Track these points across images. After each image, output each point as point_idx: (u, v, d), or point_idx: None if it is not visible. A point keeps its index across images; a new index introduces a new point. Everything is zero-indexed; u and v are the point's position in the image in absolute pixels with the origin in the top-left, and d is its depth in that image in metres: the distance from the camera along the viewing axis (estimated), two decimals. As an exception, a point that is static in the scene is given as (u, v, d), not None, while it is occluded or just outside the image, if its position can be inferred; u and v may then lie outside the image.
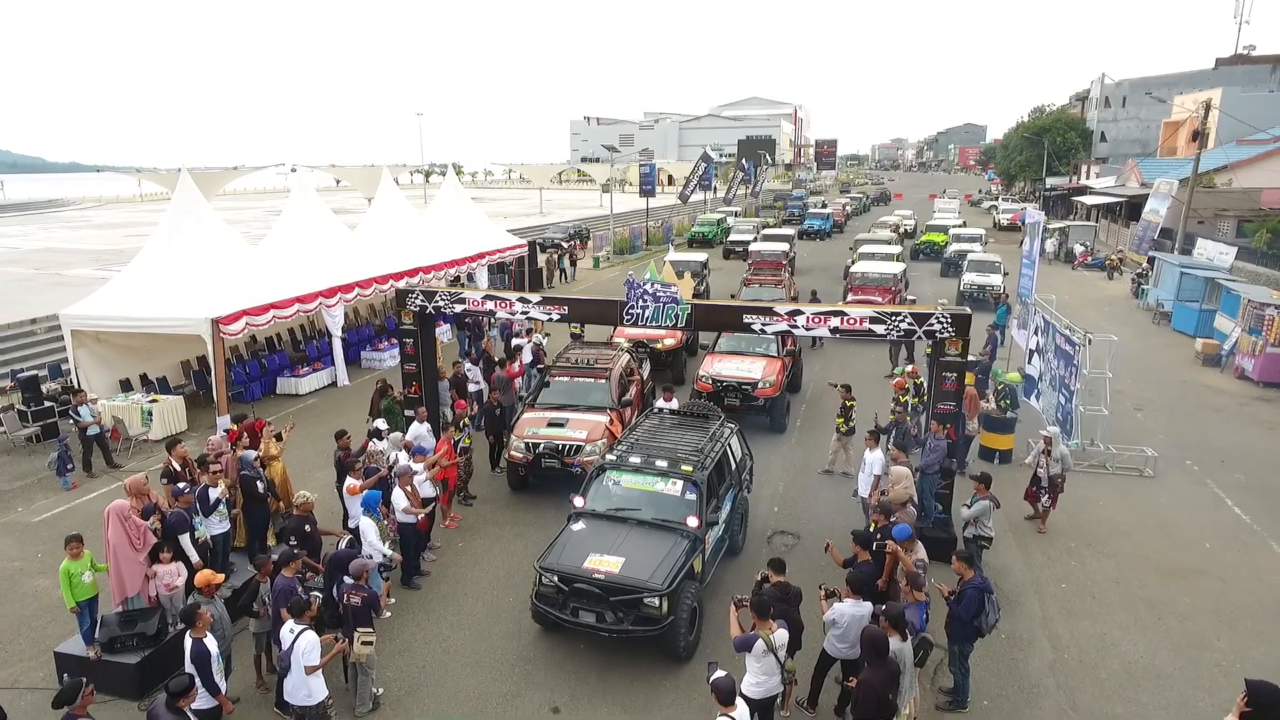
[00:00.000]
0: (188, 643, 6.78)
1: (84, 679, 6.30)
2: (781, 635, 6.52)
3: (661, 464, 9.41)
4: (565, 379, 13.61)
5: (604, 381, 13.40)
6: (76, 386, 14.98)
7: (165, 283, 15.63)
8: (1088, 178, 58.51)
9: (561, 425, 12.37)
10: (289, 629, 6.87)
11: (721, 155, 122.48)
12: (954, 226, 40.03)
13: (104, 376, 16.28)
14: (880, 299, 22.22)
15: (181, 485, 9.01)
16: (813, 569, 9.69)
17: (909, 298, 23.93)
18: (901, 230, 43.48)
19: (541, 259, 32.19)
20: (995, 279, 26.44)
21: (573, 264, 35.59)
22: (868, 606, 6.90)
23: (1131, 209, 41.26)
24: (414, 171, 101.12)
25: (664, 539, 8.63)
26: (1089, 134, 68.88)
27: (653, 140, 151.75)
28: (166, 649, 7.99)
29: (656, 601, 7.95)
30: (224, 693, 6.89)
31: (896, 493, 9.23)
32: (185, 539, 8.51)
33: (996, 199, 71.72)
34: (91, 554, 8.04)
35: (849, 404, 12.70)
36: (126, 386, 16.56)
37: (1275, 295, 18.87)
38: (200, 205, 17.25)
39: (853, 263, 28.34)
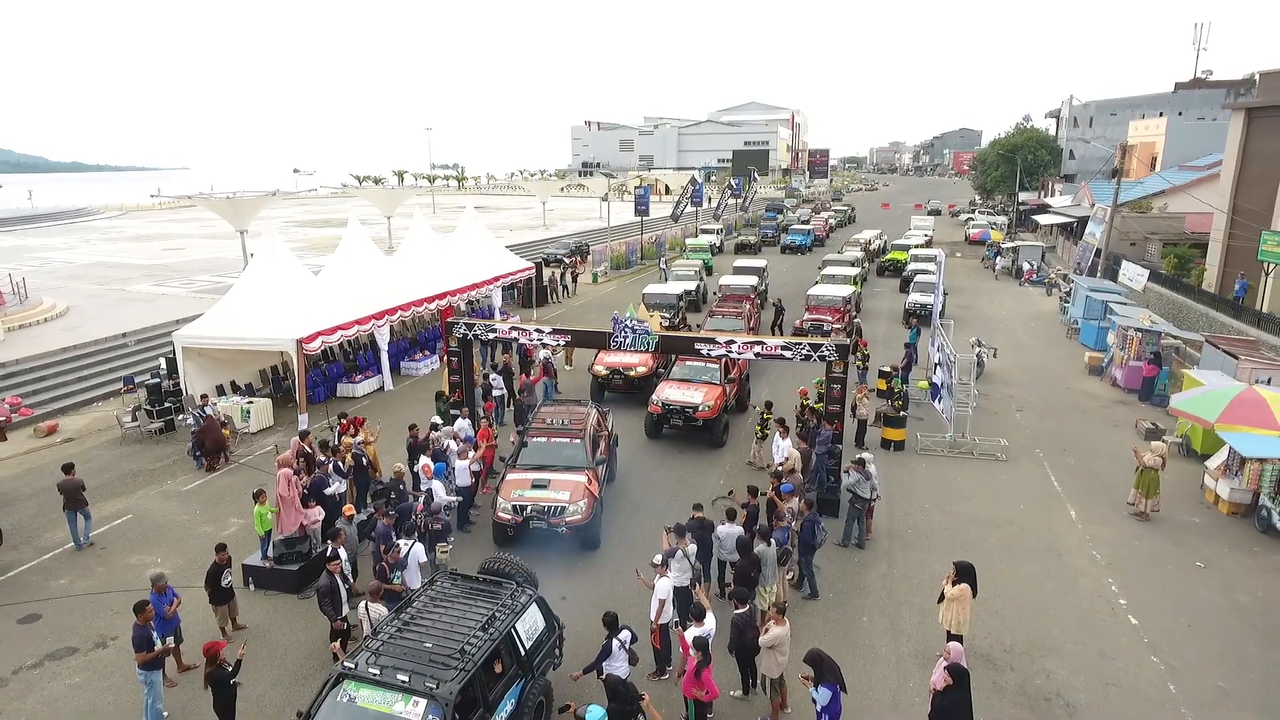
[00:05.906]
0: (329, 548, 11.30)
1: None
2: (692, 548, 10.91)
3: (403, 676, 7.67)
4: (543, 440, 14.24)
5: (579, 441, 14.10)
6: (197, 391, 19.43)
7: (257, 310, 20.12)
8: (1052, 195, 62.94)
9: (544, 486, 13.12)
10: (404, 543, 11.33)
11: (720, 162, 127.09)
12: (915, 246, 44.53)
13: (204, 382, 20.72)
14: (830, 318, 26.58)
15: (321, 459, 13.57)
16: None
17: (856, 320, 28.29)
18: (872, 248, 47.83)
19: (547, 274, 36.67)
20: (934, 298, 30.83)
21: (574, 279, 39.63)
22: (738, 528, 11.37)
23: (1083, 228, 45.61)
24: (420, 178, 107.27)
25: None
26: (1059, 151, 73.40)
27: (652, 145, 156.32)
28: (313, 563, 12.48)
29: None
30: (352, 583, 11.23)
31: (789, 464, 13.71)
32: (326, 491, 13.12)
33: (974, 212, 76.19)
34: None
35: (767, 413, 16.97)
36: (220, 391, 21.05)
37: (1143, 319, 23.25)
38: (279, 246, 21.76)
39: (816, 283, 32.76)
